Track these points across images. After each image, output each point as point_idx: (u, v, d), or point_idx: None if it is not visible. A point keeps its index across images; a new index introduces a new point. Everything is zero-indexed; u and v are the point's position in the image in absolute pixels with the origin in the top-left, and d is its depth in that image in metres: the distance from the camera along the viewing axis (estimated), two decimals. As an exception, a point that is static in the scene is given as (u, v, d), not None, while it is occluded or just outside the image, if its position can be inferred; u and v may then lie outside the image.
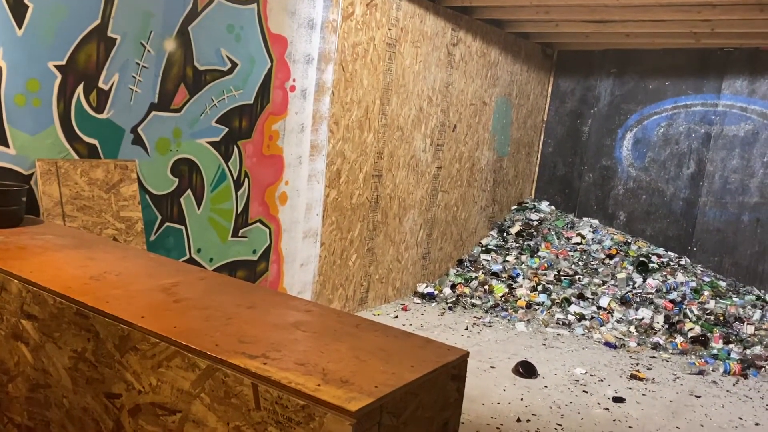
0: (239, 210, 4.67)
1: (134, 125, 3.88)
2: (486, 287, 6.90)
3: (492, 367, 5.00)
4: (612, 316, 6.32)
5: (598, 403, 4.52)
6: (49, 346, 2.27)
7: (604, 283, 6.88)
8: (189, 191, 4.31)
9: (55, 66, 3.44)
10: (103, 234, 3.58)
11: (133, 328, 1.98)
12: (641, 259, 7.21)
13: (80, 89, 3.57)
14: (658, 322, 6.17)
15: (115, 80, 3.72)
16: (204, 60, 4.19)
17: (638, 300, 6.53)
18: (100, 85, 3.66)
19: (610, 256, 7.36)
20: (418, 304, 6.54)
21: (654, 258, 7.29)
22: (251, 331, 1.99)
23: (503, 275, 7.15)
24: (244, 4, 4.36)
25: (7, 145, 3.31)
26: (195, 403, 1.85)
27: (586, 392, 4.70)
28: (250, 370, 1.72)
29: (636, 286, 6.79)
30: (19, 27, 3.26)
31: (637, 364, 5.38)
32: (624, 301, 6.50)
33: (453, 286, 6.90)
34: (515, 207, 8.51)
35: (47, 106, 3.45)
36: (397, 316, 6.04)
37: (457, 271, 7.31)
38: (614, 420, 4.27)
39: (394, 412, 1.71)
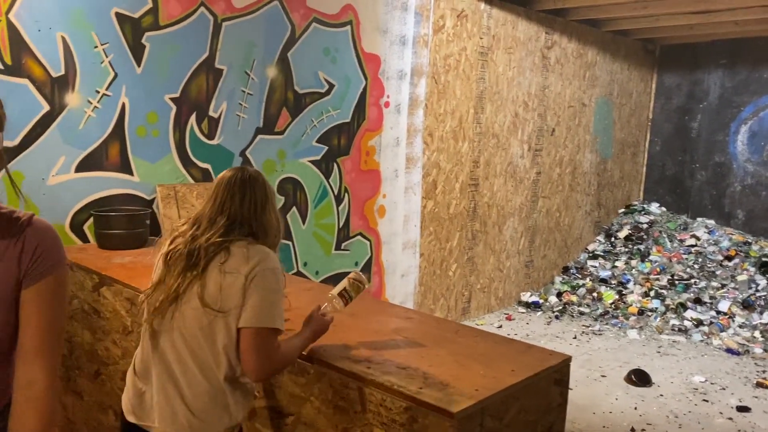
0: (341, 224, 4.83)
1: (243, 149, 4.14)
2: (594, 294, 6.69)
3: (603, 376, 4.84)
4: (733, 321, 5.94)
5: (720, 413, 4.27)
6: (174, 355, 2.47)
7: (723, 286, 6.49)
8: (294, 208, 4.52)
9: (171, 98, 3.75)
10: (217, 252, 3.83)
11: (247, 337, 2.12)
12: (764, 259, 6.72)
13: (193, 118, 3.87)
14: (786, 327, 5.73)
15: (223, 108, 3.99)
16: (303, 83, 4.40)
17: (763, 303, 6.10)
18: (211, 113, 3.94)
19: (729, 258, 6.92)
20: (522, 313, 6.45)
21: (779, 258, 6.78)
22: (355, 338, 2.08)
23: (612, 281, 6.91)
24: (338, 27, 4.54)
25: (132, 174, 3.63)
26: (306, 406, 1.96)
27: (707, 401, 4.45)
28: (355, 373, 1.80)
29: (759, 288, 6.34)
30: (138, 65, 3.58)
31: (764, 372, 5.03)
32: (746, 305, 6.10)
33: (559, 294, 6.74)
34: (623, 210, 8.20)
35: (165, 135, 3.75)
36: (501, 326, 5.99)
37: (563, 278, 7.14)
38: (739, 430, 4.02)
39: (496, 414, 1.73)
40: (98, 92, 3.44)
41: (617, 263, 7.23)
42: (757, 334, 5.72)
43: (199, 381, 1.74)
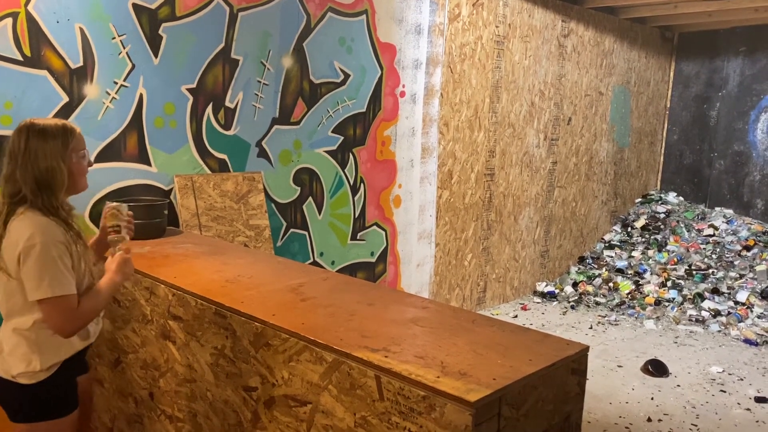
0: (356, 214, 4.84)
1: (259, 139, 4.15)
2: (611, 284, 6.66)
3: (619, 366, 4.83)
4: (751, 311, 5.89)
5: (738, 403, 4.24)
6: (193, 344, 2.50)
7: (741, 276, 6.43)
8: (310, 198, 4.53)
9: (187, 89, 3.76)
10: (235, 241, 3.86)
11: (266, 326, 2.15)
12: (784, 249, 6.65)
13: (209, 109, 3.88)
14: (806, 318, 5.67)
15: (239, 98, 4.01)
16: (319, 73, 4.40)
17: (782, 294, 6.04)
18: (227, 103, 3.96)
19: (748, 248, 6.85)
20: (538, 303, 6.44)
21: (799, 248, 6.70)
22: (372, 327, 2.09)
23: (629, 272, 6.87)
24: (353, 17, 4.53)
25: (150, 164, 3.66)
26: (324, 395, 1.97)
27: (724, 392, 4.43)
28: (373, 362, 1.81)
29: (779, 278, 6.28)
30: (155, 56, 3.60)
31: (783, 363, 4.99)
32: (765, 295, 6.04)
33: (575, 285, 6.72)
34: (639, 200, 8.13)
35: (182, 126, 3.78)
36: (516, 316, 5.98)
37: (579, 268, 7.11)
38: (757, 421, 4.00)
39: (514, 404, 1.74)
40: (116, 83, 3.46)
41: (634, 253, 7.19)
42: (776, 324, 5.67)
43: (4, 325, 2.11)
